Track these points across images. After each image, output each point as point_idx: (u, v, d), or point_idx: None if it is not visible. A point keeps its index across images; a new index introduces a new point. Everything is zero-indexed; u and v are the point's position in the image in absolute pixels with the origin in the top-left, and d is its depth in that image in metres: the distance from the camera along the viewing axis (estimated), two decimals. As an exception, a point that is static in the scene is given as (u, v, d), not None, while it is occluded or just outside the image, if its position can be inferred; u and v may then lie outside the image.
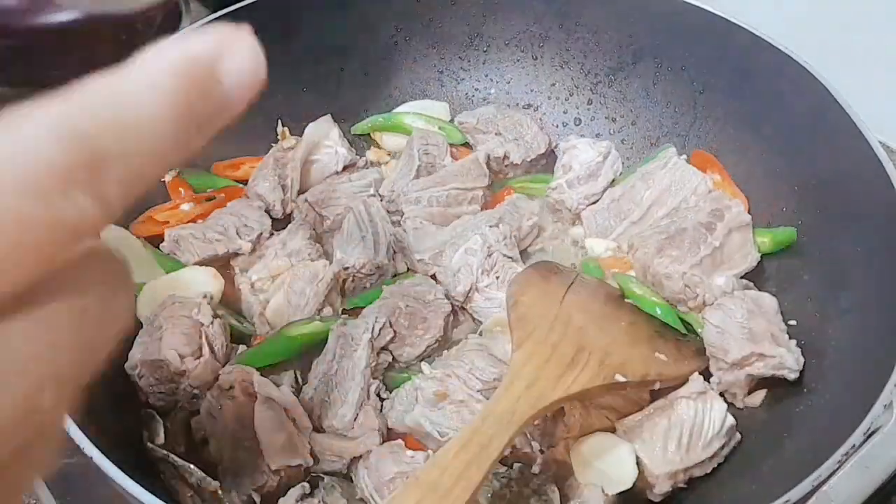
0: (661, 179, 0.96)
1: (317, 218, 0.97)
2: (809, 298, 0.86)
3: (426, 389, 0.78)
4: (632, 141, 1.09)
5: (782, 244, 0.91)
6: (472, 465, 0.61)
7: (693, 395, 0.77)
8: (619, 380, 0.75)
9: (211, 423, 0.77)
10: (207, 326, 0.81)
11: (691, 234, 0.88)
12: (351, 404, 0.77)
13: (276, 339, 0.81)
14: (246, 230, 0.93)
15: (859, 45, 1.16)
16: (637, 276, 0.91)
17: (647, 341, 0.82)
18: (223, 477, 0.74)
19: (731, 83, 0.99)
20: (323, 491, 0.74)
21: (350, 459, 0.77)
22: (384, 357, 0.84)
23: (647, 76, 1.06)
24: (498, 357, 0.82)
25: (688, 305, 0.87)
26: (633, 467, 0.75)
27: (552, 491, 0.72)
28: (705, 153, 1.01)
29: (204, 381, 0.78)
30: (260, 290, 0.90)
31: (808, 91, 0.89)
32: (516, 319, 0.78)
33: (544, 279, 0.86)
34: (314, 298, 0.86)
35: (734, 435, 0.78)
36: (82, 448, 0.63)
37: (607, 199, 0.98)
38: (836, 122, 0.86)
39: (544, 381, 0.71)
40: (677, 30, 1.01)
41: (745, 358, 0.80)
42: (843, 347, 0.79)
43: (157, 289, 0.86)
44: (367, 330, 0.82)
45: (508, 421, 0.66)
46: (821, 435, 0.72)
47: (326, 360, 0.80)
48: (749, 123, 0.98)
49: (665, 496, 0.76)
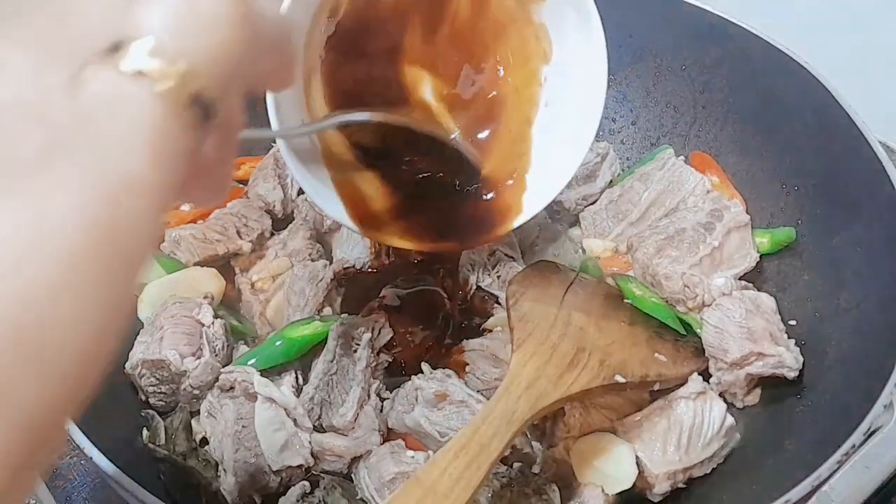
0: (659, 180, 0.96)
1: (317, 218, 0.97)
2: (809, 298, 0.86)
3: (426, 390, 0.78)
4: (632, 141, 1.09)
5: (782, 244, 0.91)
6: (473, 465, 0.61)
7: (692, 395, 0.77)
8: (619, 380, 0.75)
9: (211, 424, 0.77)
10: (208, 327, 0.81)
11: (690, 235, 0.88)
12: (351, 404, 0.77)
13: (276, 342, 0.81)
14: (246, 230, 0.93)
15: (860, 45, 1.16)
16: (636, 277, 0.91)
17: (647, 342, 0.82)
18: (224, 477, 0.74)
19: (732, 83, 0.99)
20: (323, 491, 0.74)
21: (350, 459, 0.77)
22: (384, 357, 0.84)
23: (647, 76, 1.06)
24: (498, 357, 0.82)
25: (687, 306, 0.87)
26: (632, 467, 0.75)
27: (552, 491, 0.72)
28: (704, 155, 1.01)
29: (204, 381, 0.78)
30: (260, 290, 0.90)
31: (809, 91, 0.89)
32: (516, 319, 0.78)
33: (544, 279, 0.86)
34: (314, 298, 0.86)
35: (734, 435, 0.78)
36: (82, 448, 0.63)
37: (605, 199, 0.99)
38: (837, 121, 0.86)
39: (544, 381, 0.71)
40: (677, 30, 1.02)
41: (744, 357, 0.80)
42: (843, 347, 0.79)
43: (157, 289, 0.86)
44: (367, 330, 0.82)
45: (508, 421, 0.66)
46: (821, 435, 0.72)
47: (326, 360, 0.80)
48: (749, 123, 0.98)
49: (665, 496, 0.76)
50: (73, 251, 0.28)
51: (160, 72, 0.31)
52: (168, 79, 0.31)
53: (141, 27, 0.31)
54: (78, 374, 0.29)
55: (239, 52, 0.34)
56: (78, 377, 0.29)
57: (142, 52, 0.31)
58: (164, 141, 0.31)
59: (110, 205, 0.29)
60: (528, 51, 0.80)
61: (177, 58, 0.31)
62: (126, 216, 0.30)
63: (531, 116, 0.83)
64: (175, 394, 0.79)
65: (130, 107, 0.30)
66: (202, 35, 0.32)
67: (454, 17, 0.78)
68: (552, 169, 0.82)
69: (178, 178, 0.32)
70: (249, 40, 0.34)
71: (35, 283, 0.27)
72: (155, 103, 0.31)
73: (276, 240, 0.94)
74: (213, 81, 0.33)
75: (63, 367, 0.28)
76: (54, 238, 0.27)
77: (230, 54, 0.33)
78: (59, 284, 0.27)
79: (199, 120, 0.32)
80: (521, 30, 0.79)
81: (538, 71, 0.81)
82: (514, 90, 0.82)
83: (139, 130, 0.30)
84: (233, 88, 0.36)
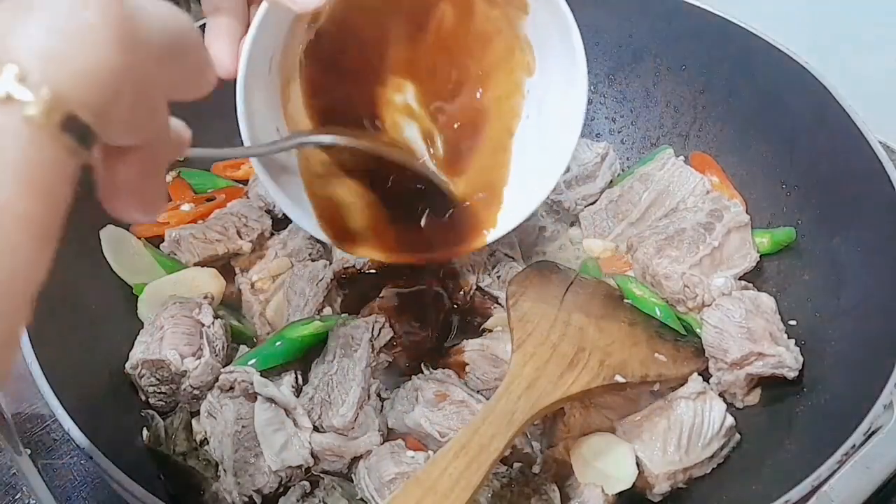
0: (659, 180, 0.96)
1: (317, 218, 0.97)
2: (809, 298, 0.86)
3: (426, 390, 0.78)
4: (632, 141, 1.09)
5: (782, 244, 0.91)
6: (473, 465, 0.61)
7: (692, 395, 0.77)
8: (619, 380, 0.75)
9: (211, 424, 0.77)
10: (208, 327, 0.81)
11: (690, 235, 0.88)
12: (351, 404, 0.77)
13: (276, 342, 0.81)
14: (246, 230, 0.93)
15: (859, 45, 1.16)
16: (636, 277, 0.91)
17: (647, 342, 0.82)
18: (224, 477, 0.74)
19: (732, 83, 0.99)
20: (323, 491, 0.74)
21: (350, 459, 0.77)
22: (384, 357, 0.84)
23: (647, 76, 1.06)
24: (498, 357, 0.82)
25: (687, 306, 0.87)
26: (632, 467, 0.75)
27: (552, 491, 0.72)
28: (704, 155, 1.01)
29: (204, 381, 0.78)
30: (260, 290, 0.90)
31: (809, 91, 0.89)
32: (516, 319, 0.78)
33: (544, 279, 0.87)
34: (314, 298, 0.86)
35: (734, 435, 0.78)
36: (82, 448, 0.63)
37: (605, 199, 0.99)
38: (836, 121, 0.86)
39: (544, 381, 0.71)
40: (677, 30, 1.01)
41: (744, 357, 0.80)
42: (843, 347, 0.79)
43: (158, 289, 0.86)
44: (367, 330, 0.82)
45: (508, 421, 0.66)
46: (821, 435, 0.72)
47: (326, 360, 0.80)
48: (749, 123, 0.98)
49: (665, 496, 0.76)
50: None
51: (27, 97, 0.30)
52: (34, 105, 0.30)
53: (10, 49, 0.30)
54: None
55: (117, 72, 0.32)
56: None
57: (10, 77, 0.30)
58: (35, 168, 0.30)
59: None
60: (512, 62, 0.80)
61: (41, 83, 0.30)
62: (3, 252, 0.29)
63: (512, 127, 0.83)
64: (175, 394, 0.79)
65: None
66: (71, 58, 0.31)
67: (438, 25, 0.78)
68: (529, 183, 0.82)
69: (57, 204, 0.31)
70: (130, 58, 0.33)
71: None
72: (24, 129, 0.30)
73: (276, 240, 0.94)
74: (86, 105, 0.32)
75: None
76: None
77: (105, 75, 0.32)
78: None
79: (77, 144, 0.32)
80: (506, 41, 0.79)
81: (521, 83, 0.81)
82: (497, 100, 0.82)
83: (8, 159, 0.29)
84: (122, 107, 0.34)
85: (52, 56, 0.31)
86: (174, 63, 0.37)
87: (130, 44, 0.33)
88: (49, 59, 0.31)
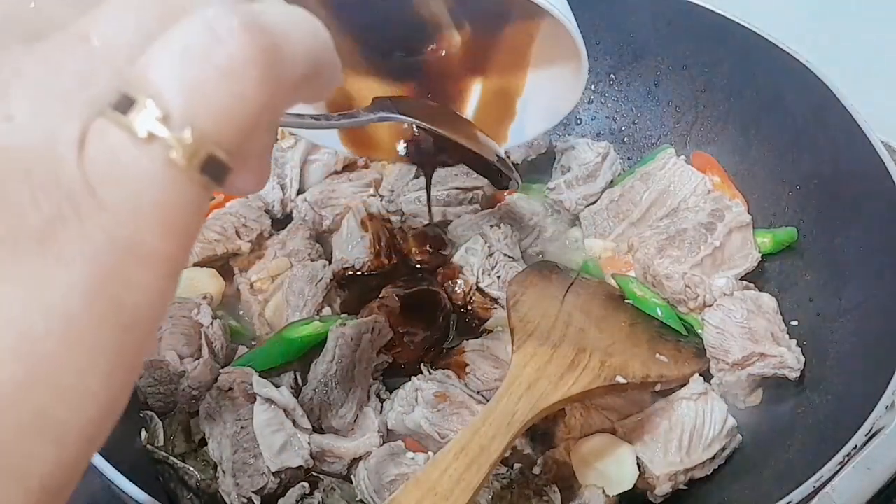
0: (660, 180, 0.96)
1: (316, 218, 0.96)
2: (811, 299, 0.86)
3: (426, 391, 0.78)
4: (633, 141, 1.08)
5: (783, 244, 0.90)
6: (473, 466, 0.61)
7: (694, 396, 0.77)
8: (620, 381, 0.74)
9: (210, 425, 0.77)
10: (207, 327, 0.81)
11: (691, 235, 0.88)
12: (351, 405, 0.77)
13: (275, 342, 0.81)
14: (245, 230, 0.93)
15: (861, 44, 1.16)
16: (637, 277, 0.91)
17: (648, 342, 0.82)
18: (223, 478, 0.74)
19: (733, 82, 0.99)
20: (322, 492, 0.74)
21: (350, 461, 0.76)
22: (384, 358, 0.84)
23: (648, 75, 1.06)
24: (498, 357, 0.82)
25: (688, 306, 0.87)
26: (633, 468, 0.75)
27: (553, 492, 0.72)
28: (705, 154, 1.01)
29: (203, 382, 0.78)
30: (259, 291, 0.90)
31: (810, 90, 0.89)
32: (517, 320, 0.78)
33: (545, 279, 0.86)
34: (314, 299, 0.86)
35: (735, 436, 0.78)
36: (80, 450, 0.62)
37: (606, 199, 0.98)
38: (838, 121, 0.86)
39: (545, 382, 0.70)
40: (678, 29, 1.01)
41: (745, 358, 0.79)
42: (844, 348, 0.78)
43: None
44: (367, 330, 0.82)
45: (509, 422, 0.65)
46: (823, 436, 0.71)
47: (326, 361, 0.80)
48: (751, 122, 0.98)
49: (666, 497, 0.76)
50: (77, 329, 0.27)
51: (169, 138, 0.28)
52: (177, 148, 0.28)
53: (149, 80, 0.28)
54: (85, 443, 0.29)
55: (259, 111, 0.30)
56: (85, 445, 0.29)
57: (152, 116, 0.28)
58: (176, 211, 0.29)
59: (117, 279, 0.28)
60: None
61: (184, 124, 0.28)
62: (134, 289, 0.29)
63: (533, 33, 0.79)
64: (174, 394, 0.79)
65: (138, 172, 0.28)
66: (213, 95, 0.29)
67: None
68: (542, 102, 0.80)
69: (192, 241, 0.31)
70: (273, 92, 0.30)
71: (38, 365, 0.27)
72: (165, 172, 0.29)
73: (275, 240, 0.94)
74: (228, 143, 0.30)
75: (69, 439, 0.28)
76: (56, 318, 0.27)
77: (247, 115, 0.30)
78: (63, 363, 0.27)
79: (212, 180, 0.30)
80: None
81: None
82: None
83: (149, 201, 0.28)
84: (258, 142, 0.32)
85: (195, 92, 0.29)
86: (310, 84, 0.34)
87: (274, 79, 0.30)
88: (191, 95, 0.28)
